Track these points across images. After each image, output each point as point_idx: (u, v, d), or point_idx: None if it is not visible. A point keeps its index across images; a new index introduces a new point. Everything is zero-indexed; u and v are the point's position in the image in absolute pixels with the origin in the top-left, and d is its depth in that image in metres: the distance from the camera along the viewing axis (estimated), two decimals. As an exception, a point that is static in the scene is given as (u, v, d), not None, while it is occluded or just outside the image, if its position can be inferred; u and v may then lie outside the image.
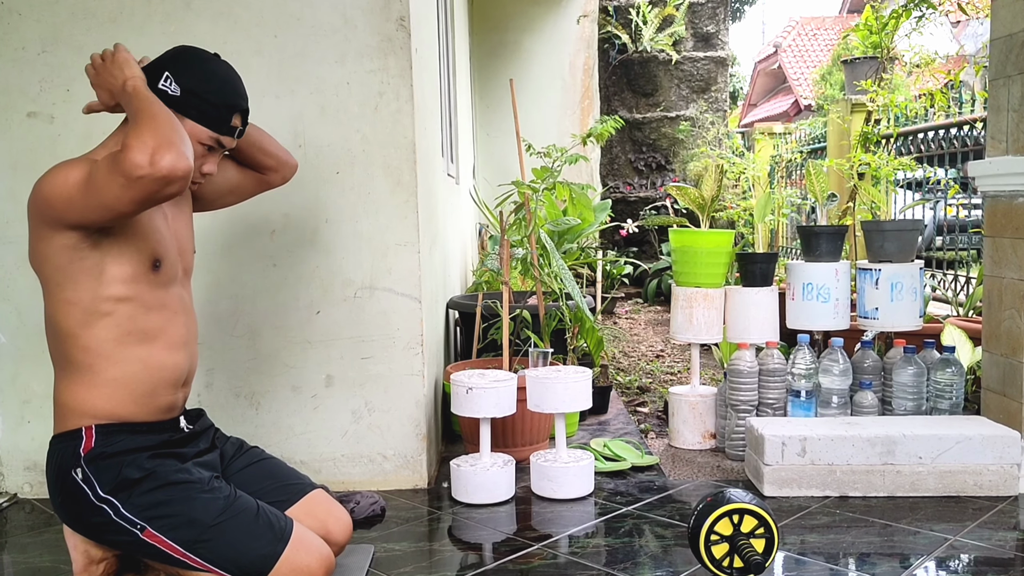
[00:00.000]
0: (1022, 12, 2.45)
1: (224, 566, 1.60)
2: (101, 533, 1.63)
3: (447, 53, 4.15)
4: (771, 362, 2.80)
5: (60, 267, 1.61)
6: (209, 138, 1.71)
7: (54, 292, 1.64)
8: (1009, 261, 2.53)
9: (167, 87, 1.66)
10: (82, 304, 1.62)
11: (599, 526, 2.28)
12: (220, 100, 1.71)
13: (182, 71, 1.68)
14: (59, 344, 1.66)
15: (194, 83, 1.68)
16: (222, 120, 1.72)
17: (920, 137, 4.97)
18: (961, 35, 13.90)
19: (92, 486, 1.59)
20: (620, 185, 8.55)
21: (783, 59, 18.73)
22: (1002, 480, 2.45)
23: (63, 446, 1.64)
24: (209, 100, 1.69)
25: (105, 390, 1.64)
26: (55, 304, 1.64)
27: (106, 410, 1.64)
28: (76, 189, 1.53)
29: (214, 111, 1.70)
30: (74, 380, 1.65)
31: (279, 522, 1.67)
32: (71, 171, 1.55)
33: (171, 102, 1.65)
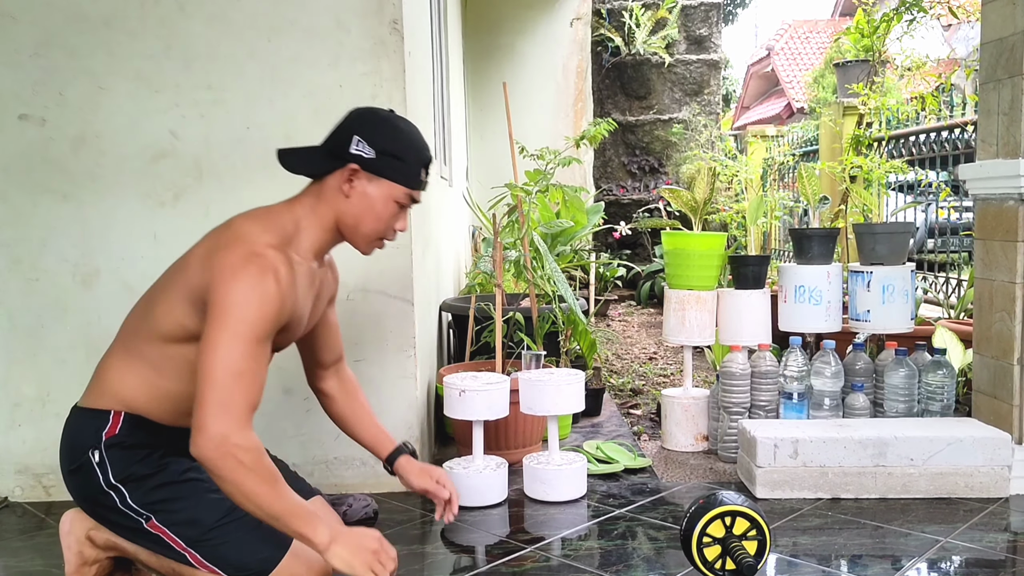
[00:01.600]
0: (1012, 16, 2.47)
1: (222, 566, 1.62)
2: (106, 514, 1.64)
3: (440, 56, 4.15)
4: (763, 364, 2.81)
5: (184, 313, 1.62)
6: (404, 195, 1.72)
7: (174, 306, 1.63)
8: (1000, 264, 2.55)
9: (361, 151, 1.67)
10: (189, 331, 1.63)
11: (592, 528, 2.29)
12: (413, 157, 1.72)
13: (371, 133, 1.68)
14: (144, 335, 1.66)
15: (386, 143, 1.69)
16: (415, 176, 1.73)
17: (912, 140, 4.99)
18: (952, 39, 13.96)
19: (105, 471, 1.61)
20: (613, 188, 8.56)
21: (775, 62, 18.78)
22: (993, 482, 2.46)
23: (88, 422, 1.65)
24: (402, 158, 1.70)
25: (154, 392, 1.65)
26: (168, 312, 1.64)
27: (144, 407, 1.65)
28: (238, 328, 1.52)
29: (408, 168, 1.71)
30: (132, 368, 1.66)
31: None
32: (248, 321, 1.53)
33: (367, 164, 1.67)
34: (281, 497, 1.52)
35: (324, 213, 1.70)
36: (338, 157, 1.68)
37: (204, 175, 2.52)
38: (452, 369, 3.03)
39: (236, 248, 1.57)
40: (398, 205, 1.72)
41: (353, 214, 1.69)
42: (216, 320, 1.51)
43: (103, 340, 2.55)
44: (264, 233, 1.62)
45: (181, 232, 2.52)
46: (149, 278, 2.51)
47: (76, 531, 1.71)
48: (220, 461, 1.46)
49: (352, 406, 2.01)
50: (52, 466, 2.58)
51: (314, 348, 1.96)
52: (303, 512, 1.54)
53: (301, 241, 1.69)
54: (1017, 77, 2.44)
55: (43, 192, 2.52)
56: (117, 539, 1.70)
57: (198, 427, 1.46)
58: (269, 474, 1.51)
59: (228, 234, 1.64)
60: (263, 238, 1.61)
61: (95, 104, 2.50)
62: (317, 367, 1.98)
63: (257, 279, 1.53)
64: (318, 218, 1.70)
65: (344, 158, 1.67)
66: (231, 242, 1.59)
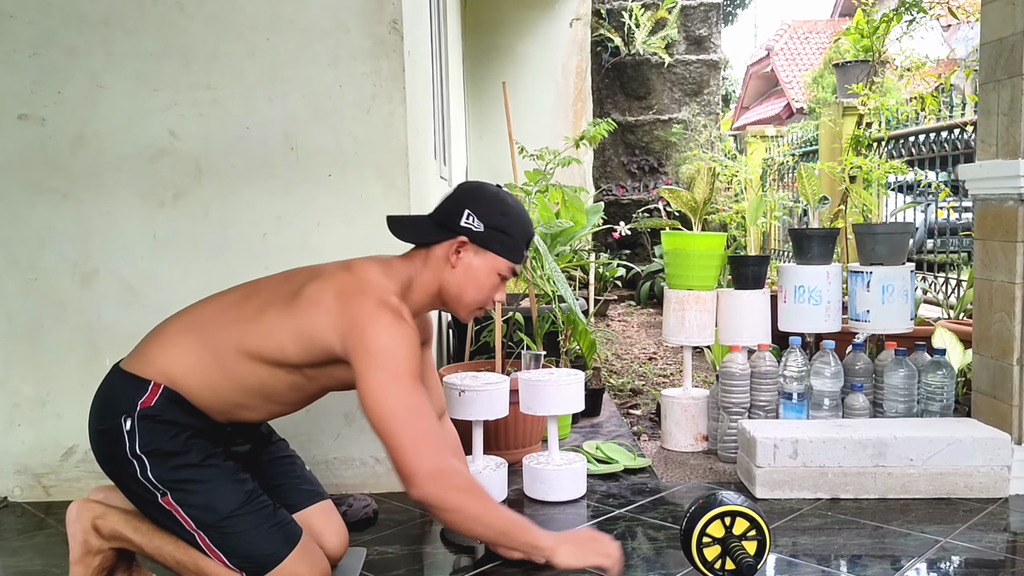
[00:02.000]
0: (1012, 16, 2.47)
1: (229, 555, 1.65)
2: (123, 479, 1.67)
3: (440, 56, 4.15)
4: (763, 364, 2.81)
5: (292, 344, 1.66)
6: (507, 268, 1.83)
7: (279, 332, 1.66)
8: (999, 264, 2.55)
9: (471, 224, 1.77)
10: (288, 360, 1.67)
11: (592, 529, 2.29)
12: (520, 232, 1.82)
13: (482, 208, 1.79)
14: (229, 338, 1.68)
15: (495, 219, 1.79)
16: (520, 252, 1.84)
17: (911, 140, 5.00)
18: (952, 39, 13.97)
19: (133, 440, 1.63)
20: (613, 188, 8.56)
21: (775, 62, 18.79)
22: (992, 482, 2.46)
23: (126, 386, 1.67)
24: (510, 233, 1.80)
25: (207, 383, 1.67)
26: (269, 335, 1.66)
27: (189, 389, 1.67)
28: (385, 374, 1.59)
29: (514, 243, 1.81)
30: (194, 353, 1.67)
31: (290, 527, 1.71)
32: (397, 371, 1.60)
33: (475, 237, 1.78)
34: (501, 512, 1.64)
35: (429, 279, 1.80)
36: (448, 228, 1.79)
37: (203, 174, 2.51)
38: (452, 369, 3.03)
39: (368, 296, 1.63)
40: (500, 277, 1.83)
41: (457, 283, 1.80)
42: (370, 371, 1.58)
43: (102, 339, 2.56)
44: (388, 282, 1.71)
45: (181, 232, 2.53)
46: (149, 278, 2.53)
47: (82, 520, 1.73)
48: (444, 495, 1.56)
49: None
50: (51, 466, 2.58)
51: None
52: (523, 522, 1.66)
53: (410, 299, 1.78)
54: (1017, 77, 2.44)
55: (42, 191, 2.51)
56: (122, 529, 1.72)
57: (409, 474, 1.55)
58: (484, 492, 1.62)
59: (353, 280, 1.68)
60: (388, 286, 1.69)
61: (94, 103, 2.49)
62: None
63: (395, 323, 1.61)
64: (424, 283, 1.80)
65: (454, 230, 1.78)
66: (361, 289, 1.65)
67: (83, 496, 1.86)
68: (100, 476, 1.77)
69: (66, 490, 2.57)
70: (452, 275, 1.79)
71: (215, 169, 2.51)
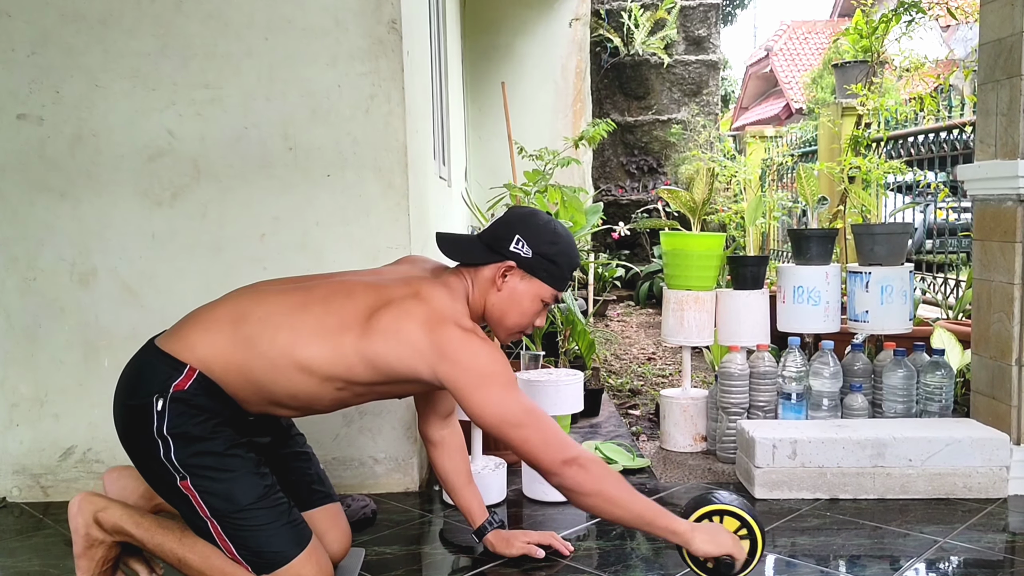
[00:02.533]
0: (1011, 17, 2.47)
1: (238, 546, 1.65)
2: (146, 461, 1.67)
3: (439, 56, 4.14)
4: (762, 365, 2.81)
5: (364, 368, 1.68)
6: (551, 295, 1.85)
7: (347, 355, 1.67)
8: (998, 264, 2.55)
9: (519, 250, 1.81)
10: (349, 378, 1.69)
11: (590, 529, 2.28)
12: (566, 262, 1.85)
13: (532, 235, 1.81)
14: (280, 345, 1.67)
15: (544, 247, 1.81)
16: (565, 280, 1.87)
17: (910, 141, 5.00)
18: (951, 39, 13.98)
19: (162, 421, 1.63)
20: (612, 188, 8.56)
21: (774, 63, 18.79)
22: (991, 482, 2.46)
23: (161, 367, 1.66)
24: (557, 262, 1.83)
25: (241, 376, 1.67)
26: (333, 355, 1.67)
27: (225, 380, 1.67)
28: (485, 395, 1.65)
29: (560, 271, 1.84)
30: (238, 348, 1.67)
31: (302, 527, 1.72)
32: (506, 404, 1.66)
33: (523, 263, 1.81)
34: (638, 496, 1.69)
35: (477, 300, 1.84)
36: (497, 252, 1.82)
37: (202, 174, 2.51)
38: (450, 369, 3.02)
39: (450, 324, 1.68)
40: (543, 303, 1.85)
41: (501, 307, 1.83)
42: (482, 387, 1.64)
43: (100, 339, 2.56)
44: (459, 305, 1.78)
45: (179, 231, 2.53)
46: (147, 277, 2.53)
47: (84, 513, 1.74)
48: (586, 480, 1.64)
49: (452, 464, 2.11)
50: (50, 466, 2.58)
51: (436, 401, 2.07)
52: (658, 507, 1.70)
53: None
54: (1015, 78, 2.44)
55: (40, 191, 2.51)
56: (124, 523, 1.72)
57: (549, 465, 1.64)
58: (619, 477, 1.69)
59: (431, 310, 1.69)
60: (461, 309, 1.77)
61: (91, 102, 2.49)
62: (433, 415, 2.08)
63: (483, 343, 1.68)
64: (472, 303, 1.84)
65: (503, 254, 1.81)
66: (442, 319, 1.68)
67: (82, 489, 1.86)
68: (98, 477, 1.77)
69: (64, 490, 2.56)
70: (497, 298, 1.83)
71: (213, 169, 2.51)
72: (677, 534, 1.68)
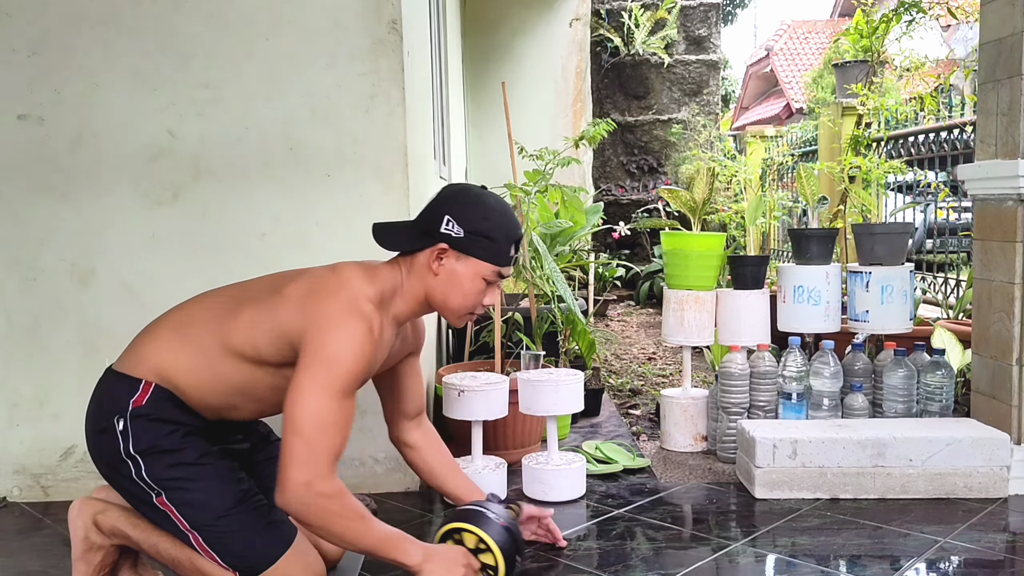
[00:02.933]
0: (1011, 17, 2.47)
1: (222, 554, 1.65)
2: (120, 481, 1.67)
3: (439, 56, 4.14)
4: (762, 364, 2.81)
5: (268, 342, 1.65)
6: (492, 272, 1.76)
7: (258, 330, 1.66)
8: (998, 264, 2.55)
9: (450, 230, 1.72)
10: (263, 358, 1.66)
11: (591, 528, 2.28)
12: (503, 235, 1.75)
13: (461, 212, 1.73)
14: (214, 337, 1.67)
15: (476, 223, 1.73)
16: (503, 253, 1.77)
17: (910, 140, 4.99)
18: (951, 39, 13.97)
19: (127, 440, 1.63)
20: (612, 188, 8.56)
21: (775, 62, 18.78)
22: (992, 482, 2.46)
23: (118, 386, 1.67)
24: (492, 237, 1.74)
25: (191, 378, 1.67)
26: (248, 333, 1.66)
27: (180, 386, 1.67)
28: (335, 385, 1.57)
29: (497, 246, 1.75)
30: (184, 352, 1.67)
31: (285, 527, 1.71)
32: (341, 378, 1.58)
33: (455, 243, 1.72)
34: (369, 531, 1.60)
35: (415, 287, 1.76)
36: (429, 235, 1.74)
37: (202, 174, 2.51)
38: (451, 369, 3.02)
39: (339, 296, 1.61)
40: (485, 282, 1.77)
41: (442, 290, 1.75)
42: (309, 370, 1.55)
43: (101, 339, 2.56)
44: (368, 287, 1.67)
45: (179, 231, 2.53)
46: (147, 277, 2.53)
47: (84, 516, 1.75)
48: (306, 510, 1.53)
49: (437, 458, 2.05)
50: (50, 466, 2.58)
51: (399, 398, 2.01)
52: (393, 539, 1.64)
53: (394, 306, 1.75)
54: (1016, 77, 2.44)
55: (40, 191, 2.51)
56: (122, 526, 1.73)
57: (283, 479, 1.53)
58: (355, 513, 1.58)
59: (334, 279, 1.66)
60: (366, 292, 1.66)
61: (92, 103, 2.49)
62: (401, 417, 2.03)
63: (354, 333, 1.58)
64: (410, 290, 1.76)
65: (435, 236, 1.73)
66: (336, 289, 1.63)
67: (83, 493, 1.86)
68: (99, 476, 1.77)
69: (64, 490, 2.56)
70: (436, 282, 1.75)
71: (213, 169, 2.51)
72: (407, 566, 1.64)
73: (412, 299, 1.77)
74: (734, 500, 2.50)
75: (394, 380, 1.98)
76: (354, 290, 1.64)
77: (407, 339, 1.92)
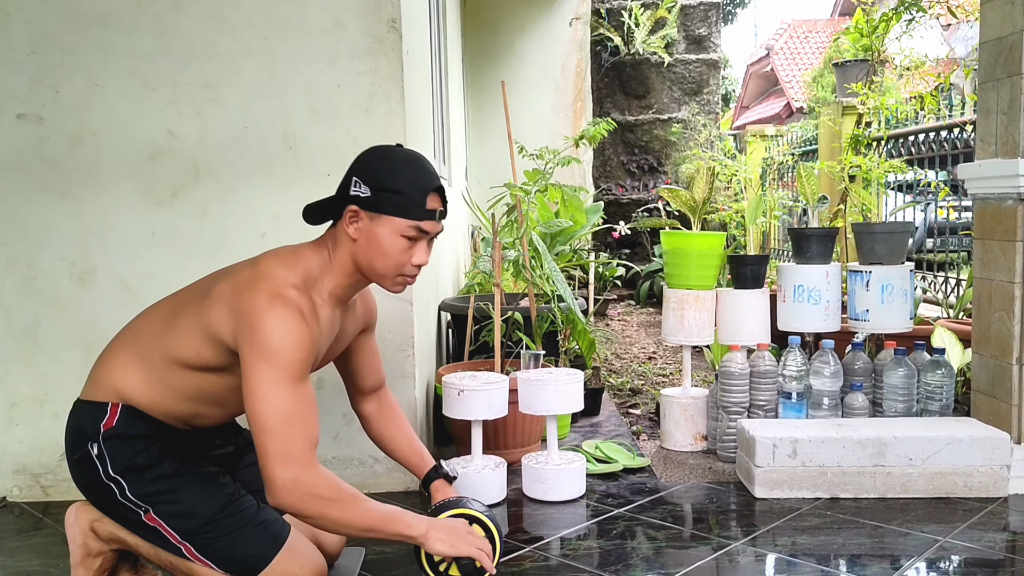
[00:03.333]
0: (1011, 15, 2.46)
1: (216, 560, 1.64)
2: (108, 505, 1.67)
3: (439, 55, 4.14)
4: (762, 364, 2.80)
5: (204, 346, 1.64)
6: (409, 228, 1.68)
7: (192, 336, 1.65)
8: (998, 263, 2.54)
9: (359, 191, 1.67)
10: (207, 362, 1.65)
11: (591, 528, 2.28)
12: (414, 188, 1.68)
13: (365, 171, 1.68)
14: (159, 349, 1.67)
15: (380, 179, 1.67)
16: (416, 205, 1.68)
17: (910, 140, 4.99)
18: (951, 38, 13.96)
19: (104, 463, 1.64)
20: (612, 187, 8.55)
21: (775, 61, 18.77)
22: (992, 481, 2.46)
23: (86, 413, 1.67)
24: (401, 191, 1.67)
25: (150, 393, 1.67)
26: (186, 340, 1.65)
27: (143, 403, 1.67)
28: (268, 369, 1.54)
29: (407, 200, 1.67)
30: (138, 369, 1.67)
31: (276, 525, 1.70)
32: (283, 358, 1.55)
33: (366, 204, 1.66)
34: (368, 511, 1.60)
35: (342, 258, 1.71)
36: (343, 201, 1.69)
37: (201, 173, 2.51)
38: (451, 369, 3.02)
39: (260, 289, 1.58)
40: (406, 239, 1.69)
41: (364, 255, 1.69)
42: (253, 368, 1.53)
43: (100, 339, 2.54)
44: (289, 273, 1.63)
45: (179, 230, 2.53)
46: (147, 276, 2.53)
47: (81, 523, 1.74)
48: (300, 504, 1.52)
49: (388, 428, 2.05)
50: (50, 466, 2.58)
51: (354, 375, 2.00)
52: (393, 514, 1.64)
53: (324, 285, 1.71)
54: (1016, 76, 2.44)
55: (40, 190, 2.51)
56: (119, 531, 1.72)
57: (269, 481, 1.51)
58: (349, 496, 1.58)
59: (253, 272, 1.64)
60: (288, 278, 1.62)
61: (91, 102, 2.49)
62: (357, 392, 2.03)
63: (283, 320, 1.55)
64: (338, 263, 1.71)
65: (346, 201, 1.68)
66: (255, 282, 1.60)
67: (81, 497, 1.86)
68: (97, 476, 1.76)
69: (64, 490, 2.56)
70: (358, 248, 1.68)
71: (213, 168, 2.51)
72: (411, 537, 1.65)
73: (343, 272, 1.71)
74: (734, 499, 2.50)
75: (348, 358, 1.97)
76: (274, 279, 1.60)
77: (357, 316, 1.89)
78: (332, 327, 1.74)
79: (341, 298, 1.75)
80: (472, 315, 3.28)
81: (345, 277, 1.72)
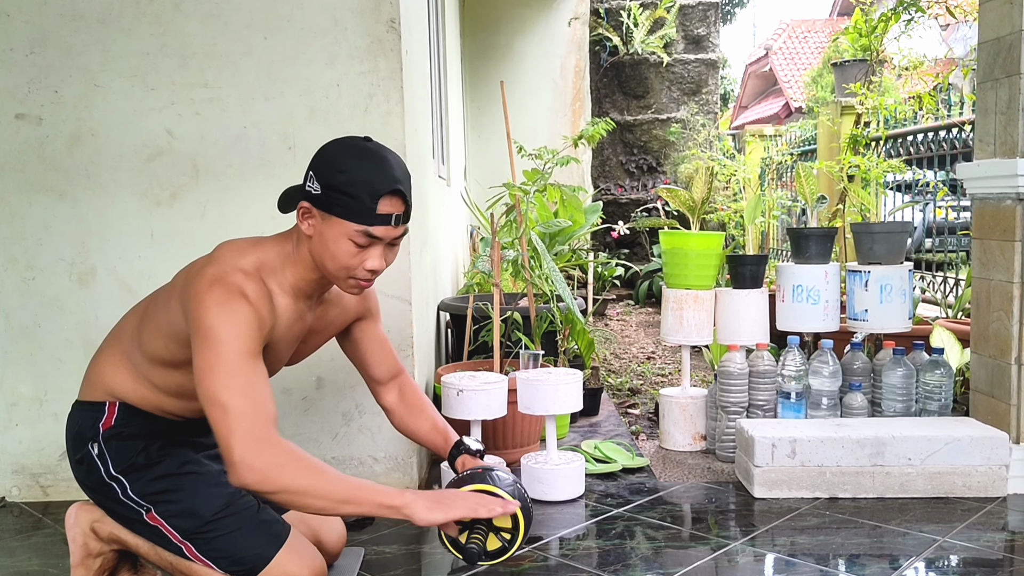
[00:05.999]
0: (1010, 15, 2.47)
1: (216, 559, 1.64)
2: (109, 505, 1.68)
3: (438, 55, 4.14)
4: (761, 364, 2.81)
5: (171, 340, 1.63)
6: (358, 233, 1.56)
7: (158, 333, 1.64)
8: (997, 263, 2.55)
9: (311, 188, 1.57)
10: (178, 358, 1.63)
11: (590, 528, 2.28)
12: (365, 191, 1.54)
13: (321, 167, 1.57)
14: (137, 350, 1.68)
15: (331, 178, 1.55)
16: (365, 210, 1.55)
17: (909, 139, 4.99)
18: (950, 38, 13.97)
19: (105, 463, 1.65)
20: (611, 187, 8.56)
21: (774, 61, 18.78)
22: (991, 481, 2.46)
23: (84, 415, 1.69)
24: (350, 193, 1.54)
25: (139, 391, 1.68)
26: (154, 339, 1.65)
27: (132, 399, 1.68)
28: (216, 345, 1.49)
29: (357, 204, 1.54)
30: (126, 368, 1.69)
31: (276, 525, 1.70)
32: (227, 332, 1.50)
33: (316, 202, 1.57)
34: (338, 480, 1.50)
35: (302, 252, 1.64)
36: (300, 194, 1.62)
37: (201, 174, 2.51)
38: (450, 368, 3.02)
39: (204, 275, 1.55)
40: (354, 244, 1.58)
41: (317, 252, 1.61)
42: (198, 350, 1.49)
43: (100, 339, 2.52)
44: (239, 258, 1.59)
45: (178, 231, 2.53)
46: (146, 277, 2.53)
47: (81, 523, 1.74)
48: (259, 476, 1.43)
49: (409, 419, 1.99)
50: (49, 466, 2.57)
51: (365, 365, 1.97)
52: (368, 485, 1.53)
53: (285, 276, 1.65)
54: (1014, 76, 2.44)
55: (39, 191, 2.51)
56: (120, 532, 1.72)
57: (229, 461, 1.44)
58: (314, 465, 1.49)
59: (205, 261, 1.62)
60: (236, 263, 1.58)
61: (90, 102, 2.49)
62: (375, 383, 2.00)
63: (223, 299, 1.50)
64: (300, 256, 1.65)
65: (301, 195, 1.61)
66: (202, 269, 1.58)
67: (80, 497, 1.86)
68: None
69: (63, 490, 2.56)
70: (312, 245, 1.60)
71: (212, 168, 2.51)
72: (392, 508, 1.50)
73: (304, 267, 1.64)
74: (733, 499, 2.50)
75: (355, 348, 1.95)
76: (222, 265, 1.56)
77: (347, 306, 1.85)
78: (292, 317, 1.68)
79: (305, 291, 1.68)
80: (471, 315, 3.28)
81: (307, 271, 1.65)
